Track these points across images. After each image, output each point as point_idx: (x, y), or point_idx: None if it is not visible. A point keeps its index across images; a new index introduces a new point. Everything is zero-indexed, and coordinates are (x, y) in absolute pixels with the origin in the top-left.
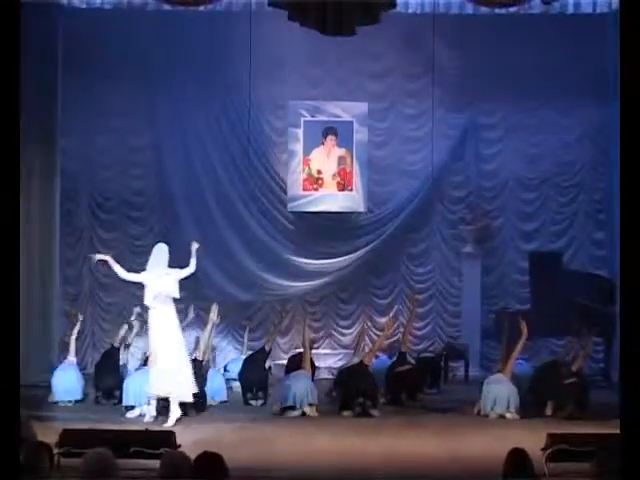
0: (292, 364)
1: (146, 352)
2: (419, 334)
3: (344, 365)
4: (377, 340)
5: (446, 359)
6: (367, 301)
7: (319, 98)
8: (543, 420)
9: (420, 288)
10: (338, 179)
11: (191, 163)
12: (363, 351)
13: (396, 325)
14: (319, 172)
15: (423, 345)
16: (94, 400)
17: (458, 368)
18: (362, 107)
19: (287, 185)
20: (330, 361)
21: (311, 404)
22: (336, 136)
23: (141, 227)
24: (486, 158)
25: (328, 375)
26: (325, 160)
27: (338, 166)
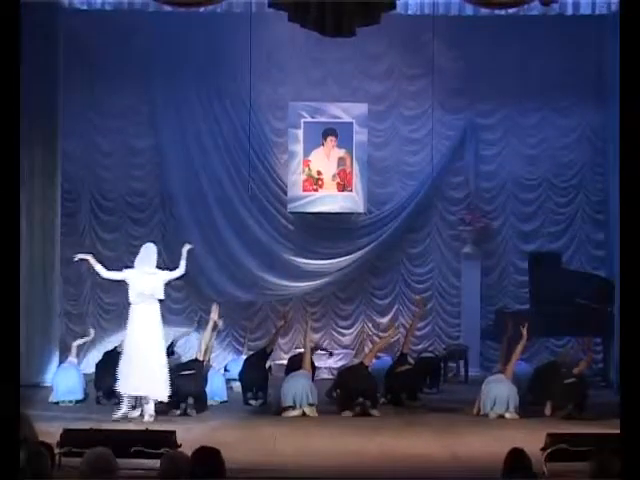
0: (292, 364)
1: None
2: (419, 334)
3: (344, 365)
4: (379, 342)
5: (446, 359)
6: (367, 301)
7: (319, 99)
8: (542, 420)
9: (420, 288)
10: (338, 180)
11: (191, 164)
12: (363, 352)
13: (396, 325)
14: (319, 173)
15: (423, 345)
16: (95, 400)
17: (458, 368)
18: (362, 108)
19: (287, 186)
20: (330, 361)
21: (311, 404)
22: (336, 137)
23: (142, 228)
24: (485, 159)
25: (328, 375)
26: (325, 161)
27: (338, 167)
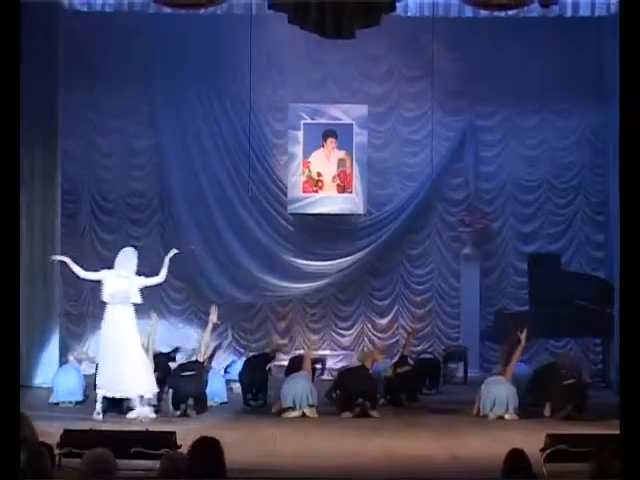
0: (293, 365)
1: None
2: (418, 335)
3: (344, 366)
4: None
5: (445, 360)
6: (366, 302)
7: (319, 101)
8: (542, 421)
9: (419, 290)
10: (338, 181)
11: (191, 165)
12: (363, 353)
13: (396, 327)
14: (319, 174)
15: (422, 346)
16: (95, 401)
17: (457, 369)
18: (362, 110)
19: (287, 187)
20: (330, 362)
21: (311, 405)
22: (336, 138)
23: (141, 229)
24: (485, 160)
25: (328, 376)
26: (325, 162)
27: (338, 168)
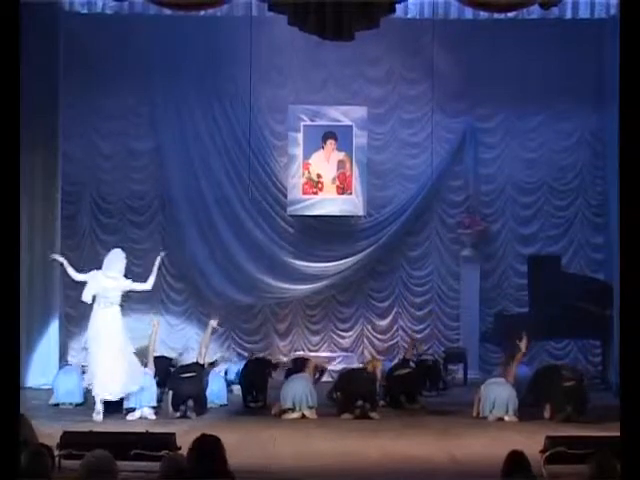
0: (293, 367)
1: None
2: (418, 337)
3: (344, 368)
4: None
5: (445, 362)
6: (366, 304)
7: (319, 102)
8: (541, 422)
9: (419, 291)
10: (337, 183)
11: (192, 167)
12: (363, 354)
13: (395, 328)
14: (319, 176)
15: (422, 348)
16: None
17: (457, 371)
18: (361, 111)
19: (287, 189)
20: (330, 364)
21: (311, 407)
22: (336, 140)
23: (141, 230)
24: (485, 162)
25: (328, 378)
26: (325, 164)
27: (338, 170)
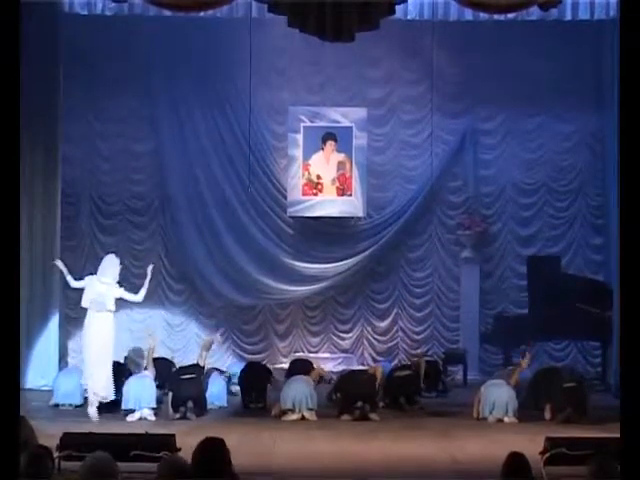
0: (294, 368)
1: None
2: (418, 338)
3: (344, 369)
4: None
5: (445, 363)
6: (366, 305)
7: (319, 104)
8: (541, 424)
9: (418, 292)
10: (337, 184)
11: (191, 168)
12: (362, 356)
13: (395, 329)
14: (319, 177)
15: (422, 349)
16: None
17: (457, 372)
18: (361, 113)
19: (287, 190)
20: (329, 365)
21: (310, 409)
22: (335, 141)
23: (141, 232)
24: (484, 163)
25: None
26: (325, 165)
27: (337, 171)
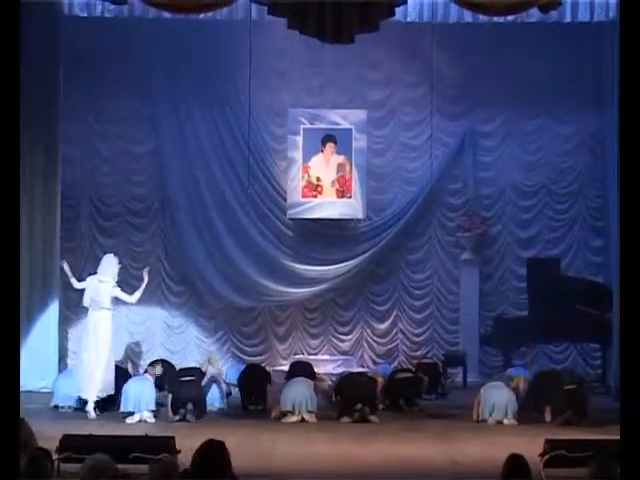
0: (293, 370)
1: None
2: (417, 340)
3: (344, 371)
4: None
5: (444, 365)
6: (366, 307)
7: (318, 106)
8: (541, 426)
9: (418, 294)
10: (337, 186)
11: (191, 170)
12: (362, 358)
13: (395, 331)
14: (318, 179)
15: (421, 351)
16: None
17: (456, 374)
18: (361, 115)
19: (286, 192)
20: (329, 367)
21: (310, 411)
22: (335, 143)
23: (141, 234)
24: (484, 165)
25: (327, 381)
26: (324, 167)
27: (337, 173)
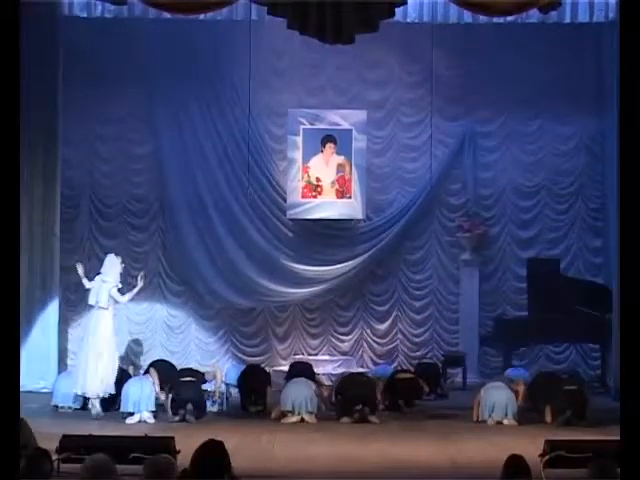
0: (293, 370)
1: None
2: (417, 341)
3: (344, 372)
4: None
5: (444, 366)
6: (365, 308)
7: (318, 106)
8: (541, 426)
9: (418, 295)
10: (337, 186)
11: (191, 170)
12: (362, 358)
13: (394, 332)
14: (318, 180)
15: (421, 352)
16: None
17: (456, 375)
18: (361, 115)
19: (286, 192)
20: (329, 367)
21: (310, 412)
22: (335, 144)
23: (141, 234)
24: (484, 166)
25: (327, 382)
26: (324, 168)
27: (337, 174)
